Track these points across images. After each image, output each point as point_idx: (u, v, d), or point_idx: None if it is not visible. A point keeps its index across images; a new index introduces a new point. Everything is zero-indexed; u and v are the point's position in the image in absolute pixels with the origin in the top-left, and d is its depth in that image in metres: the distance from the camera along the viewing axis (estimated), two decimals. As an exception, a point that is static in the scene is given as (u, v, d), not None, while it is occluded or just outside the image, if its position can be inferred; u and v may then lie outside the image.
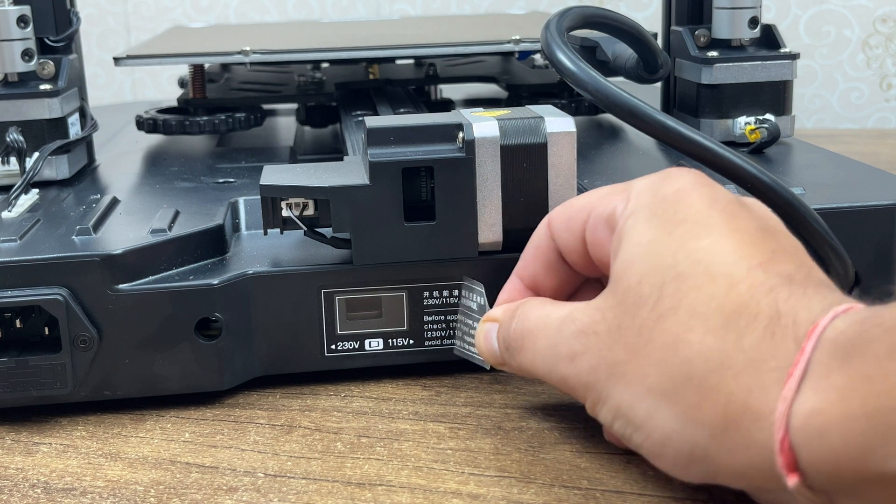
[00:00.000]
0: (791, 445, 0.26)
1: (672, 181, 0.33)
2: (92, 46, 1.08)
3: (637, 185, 0.34)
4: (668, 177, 0.33)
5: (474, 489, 0.34)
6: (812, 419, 0.26)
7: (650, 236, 0.31)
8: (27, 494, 0.35)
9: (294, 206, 0.41)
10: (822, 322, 0.27)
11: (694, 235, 0.31)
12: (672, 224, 0.31)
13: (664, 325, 0.30)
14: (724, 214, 0.31)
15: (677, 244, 0.31)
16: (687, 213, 0.31)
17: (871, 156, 0.78)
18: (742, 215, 0.32)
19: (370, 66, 0.71)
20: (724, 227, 0.31)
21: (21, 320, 0.39)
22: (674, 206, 0.32)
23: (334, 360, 0.42)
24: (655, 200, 0.32)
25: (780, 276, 0.29)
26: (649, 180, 0.34)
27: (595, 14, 0.49)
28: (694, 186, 0.33)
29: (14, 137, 0.49)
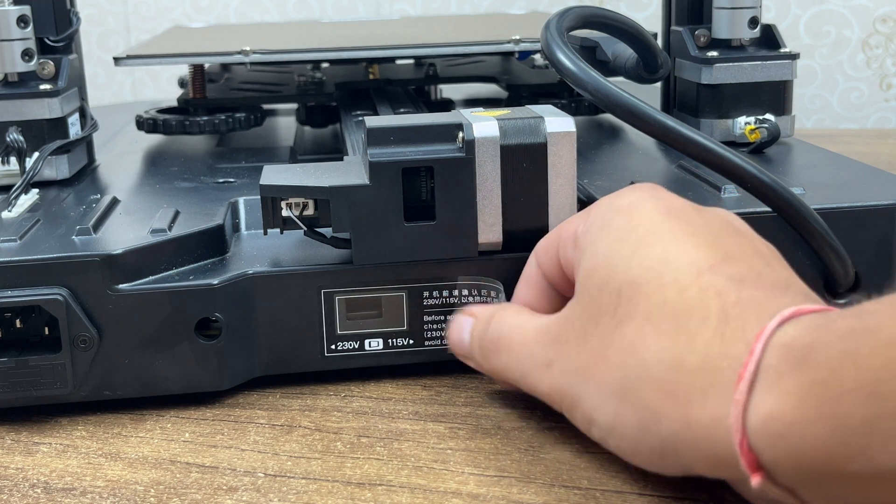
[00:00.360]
0: (751, 447, 0.27)
1: (627, 194, 0.35)
2: (92, 46, 1.08)
3: (597, 203, 0.36)
4: (623, 191, 0.35)
5: (474, 489, 0.34)
6: (770, 423, 0.26)
7: (605, 246, 0.33)
8: (27, 494, 0.35)
9: (294, 205, 0.41)
10: (770, 325, 0.28)
11: (646, 243, 0.32)
12: (625, 232, 0.33)
13: (623, 330, 0.31)
14: (676, 222, 0.33)
15: (630, 252, 0.32)
16: (639, 222, 0.33)
17: (871, 156, 0.78)
18: (696, 221, 0.33)
19: (370, 66, 0.71)
20: (676, 233, 0.32)
21: (21, 320, 0.39)
22: (627, 217, 0.34)
23: (334, 360, 0.42)
24: (610, 213, 0.34)
25: (729, 279, 0.30)
26: (608, 197, 0.36)
27: (595, 14, 0.49)
28: (648, 198, 0.34)
29: (14, 137, 0.49)
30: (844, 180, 0.46)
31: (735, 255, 0.32)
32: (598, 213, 0.35)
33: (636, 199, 0.34)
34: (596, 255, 0.33)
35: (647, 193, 0.35)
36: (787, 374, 0.26)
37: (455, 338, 0.39)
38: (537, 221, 0.41)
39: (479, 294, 0.41)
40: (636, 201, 0.34)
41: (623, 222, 0.33)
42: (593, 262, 0.33)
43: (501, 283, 0.40)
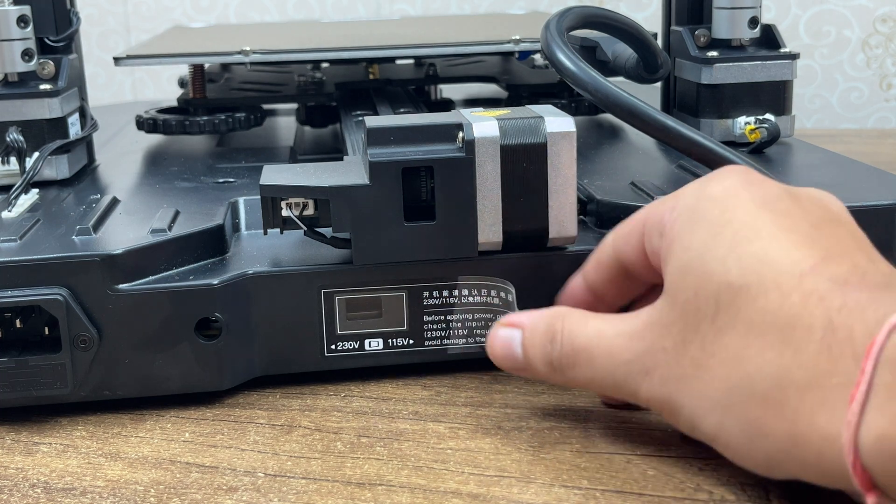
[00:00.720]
0: (864, 467, 0.26)
1: (718, 181, 0.33)
2: (92, 46, 1.08)
3: (686, 188, 0.34)
4: (714, 177, 0.33)
5: (474, 489, 0.34)
6: (883, 443, 0.26)
7: (698, 241, 0.31)
8: (27, 494, 0.35)
9: (294, 205, 0.41)
10: (879, 339, 0.26)
11: (743, 239, 0.30)
12: (718, 226, 0.31)
13: (724, 339, 0.30)
14: (773, 214, 0.31)
15: (727, 250, 0.30)
16: (733, 214, 0.31)
17: (871, 156, 0.78)
18: (793, 212, 0.31)
19: (370, 66, 0.71)
20: (772, 227, 0.31)
21: (21, 320, 0.39)
22: (720, 207, 0.32)
23: (334, 360, 0.42)
24: (701, 202, 0.32)
25: (832, 282, 0.29)
26: (697, 182, 0.33)
27: (595, 14, 0.49)
28: (742, 185, 0.32)
29: (14, 137, 0.49)
30: (844, 180, 0.46)
31: (836, 252, 0.30)
32: (688, 200, 0.33)
33: (730, 186, 0.32)
34: (688, 251, 0.31)
35: (740, 179, 0.32)
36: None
37: (502, 353, 0.37)
38: (537, 221, 0.41)
39: (481, 294, 0.41)
40: (730, 189, 0.32)
41: (716, 214, 0.31)
42: (685, 260, 0.31)
43: (511, 284, 0.40)
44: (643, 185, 0.46)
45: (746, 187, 0.32)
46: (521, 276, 0.41)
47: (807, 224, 0.31)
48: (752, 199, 0.32)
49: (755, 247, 0.30)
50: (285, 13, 1.08)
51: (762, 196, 0.32)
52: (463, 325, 0.41)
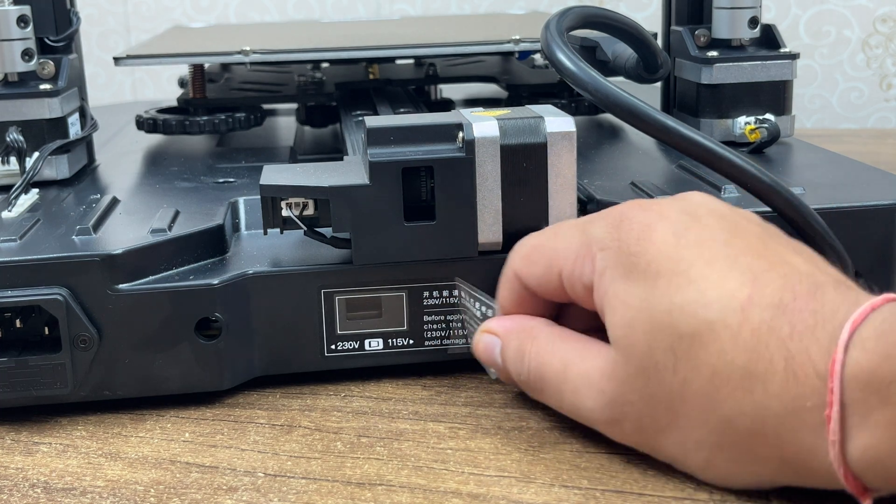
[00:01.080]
0: (855, 475, 0.28)
1: (629, 226, 0.33)
2: (92, 46, 1.08)
3: (596, 236, 0.34)
4: (623, 221, 0.33)
5: (474, 489, 0.34)
6: (868, 453, 0.27)
7: (636, 296, 0.32)
8: (27, 494, 0.35)
9: (294, 205, 0.41)
10: (839, 357, 0.28)
11: (676, 287, 0.31)
12: (650, 278, 0.32)
13: (692, 387, 0.31)
14: (693, 250, 0.32)
15: (666, 300, 0.31)
16: (659, 262, 0.32)
17: (871, 156, 0.78)
18: (704, 238, 0.32)
19: (370, 66, 0.71)
20: (697, 264, 0.31)
21: (21, 320, 0.39)
22: (643, 258, 0.32)
23: (334, 360, 0.42)
24: (622, 256, 0.33)
25: (772, 308, 0.30)
26: (606, 230, 0.34)
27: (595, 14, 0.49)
28: (653, 227, 0.33)
29: (14, 137, 0.49)
30: (844, 180, 0.46)
31: (759, 269, 0.31)
32: (608, 257, 0.33)
33: (641, 232, 0.33)
34: (630, 307, 0.32)
35: (649, 219, 0.33)
36: (876, 406, 0.27)
37: (487, 359, 0.39)
38: (537, 221, 0.41)
39: (471, 301, 0.41)
40: (643, 236, 0.33)
41: (641, 264, 0.32)
42: (630, 316, 0.32)
43: (498, 305, 0.39)
44: (643, 186, 0.46)
45: (657, 228, 0.33)
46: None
47: (721, 245, 0.32)
48: (667, 241, 0.32)
49: (691, 292, 0.31)
50: (285, 13, 1.08)
51: (675, 233, 0.32)
52: (463, 325, 0.41)
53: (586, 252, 0.34)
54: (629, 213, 0.34)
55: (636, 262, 0.32)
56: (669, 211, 0.33)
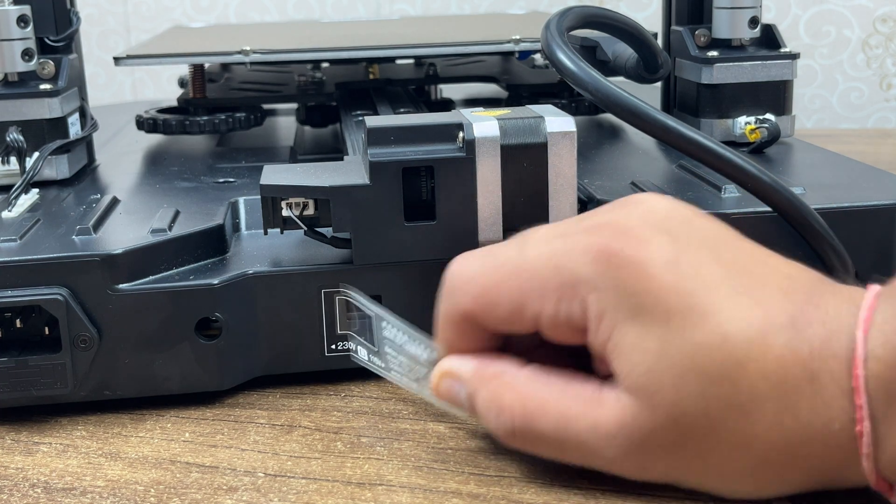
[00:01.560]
0: (884, 478, 0.29)
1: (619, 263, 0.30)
2: (92, 46, 1.08)
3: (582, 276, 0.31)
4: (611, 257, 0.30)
5: (474, 489, 0.34)
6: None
7: (652, 340, 0.30)
8: (27, 494, 0.35)
9: (294, 205, 0.41)
10: (860, 373, 0.28)
11: (692, 325, 0.29)
12: (662, 318, 0.30)
13: (725, 426, 0.30)
14: (692, 279, 0.30)
15: (686, 342, 0.29)
16: (666, 299, 0.30)
17: (871, 156, 0.78)
18: (702, 264, 0.30)
19: (370, 66, 0.71)
20: (703, 295, 0.30)
21: (21, 320, 0.39)
22: (648, 298, 0.30)
23: (334, 360, 0.42)
24: (623, 298, 0.30)
25: (786, 329, 0.29)
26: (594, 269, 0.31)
27: (595, 14, 0.49)
28: (644, 261, 0.30)
29: (14, 137, 0.49)
30: (845, 180, 0.46)
31: (761, 287, 0.30)
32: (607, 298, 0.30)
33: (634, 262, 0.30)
34: (648, 352, 0.30)
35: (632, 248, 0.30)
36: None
37: (452, 403, 0.35)
38: (537, 221, 0.40)
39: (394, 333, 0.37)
40: (638, 267, 0.30)
41: (649, 303, 0.30)
42: (649, 362, 0.30)
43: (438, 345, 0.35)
44: (643, 185, 0.46)
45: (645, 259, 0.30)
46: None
47: (713, 264, 0.30)
48: (664, 273, 0.30)
49: (709, 329, 0.29)
50: (285, 13, 1.08)
51: (664, 261, 0.30)
52: (381, 357, 0.38)
53: (571, 293, 0.31)
54: (612, 246, 0.31)
55: (642, 303, 0.30)
56: (644, 232, 0.31)
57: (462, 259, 0.34)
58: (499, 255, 0.33)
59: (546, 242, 0.32)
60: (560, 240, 0.32)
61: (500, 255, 0.33)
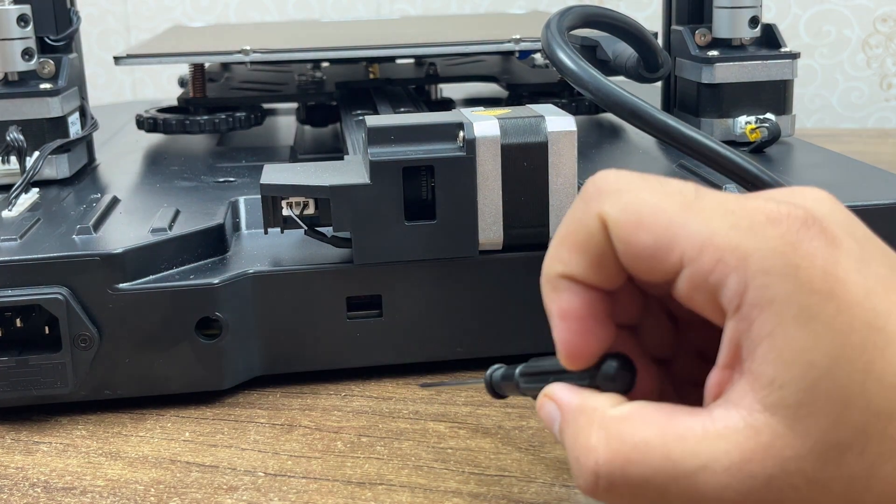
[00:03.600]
0: None
1: (810, 252, 0.25)
2: (92, 46, 1.08)
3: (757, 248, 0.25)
4: (800, 242, 0.25)
5: (475, 488, 0.34)
6: None
7: (822, 354, 0.25)
8: (27, 493, 0.35)
9: (294, 205, 0.41)
10: None
11: (873, 350, 0.24)
12: (840, 332, 0.25)
13: (882, 471, 0.25)
14: (882, 295, 0.25)
15: (861, 367, 0.24)
16: (851, 311, 0.25)
17: (872, 155, 0.78)
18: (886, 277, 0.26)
19: (370, 66, 0.70)
20: (890, 316, 0.25)
21: (21, 319, 0.39)
22: (832, 304, 0.25)
23: (335, 360, 0.42)
24: (802, 294, 0.25)
25: None
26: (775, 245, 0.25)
27: (595, 13, 0.49)
28: (838, 260, 0.25)
29: (14, 136, 0.49)
30: (845, 180, 0.46)
31: None
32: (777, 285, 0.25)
33: (826, 256, 0.25)
34: (812, 366, 0.25)
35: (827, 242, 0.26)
36: None
37: (550, 429, 0.30)
38: (538, 221, 0.41)
39: None
40: (829, 263, 0.25)
41: (830, 310, 0.25)
42: (812, 378, 0.25)
43: None
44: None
45: (839, 258, 0.25)
46: (521, 275, 0.41)
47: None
48: (856, 283, 0.25)
49: (891, 359, 0.24)
50: (285, 13, 1.08)
51: (856, 268, 0.25)
52: None
53: (735, 260, 0.25)
54: (803, 232, 0.26)
55: (822, 308, 0.25)
56: (835, 229, 0.26)
57: (618, 170, 0.28)
58: (666, 181, 0.27)
59: (725, 196, 0.27)
60: (743, 200, 0.26)
61: (668, 182, 0.27)
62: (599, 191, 0.27)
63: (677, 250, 0.26)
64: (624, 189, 0.27)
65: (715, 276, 0.26)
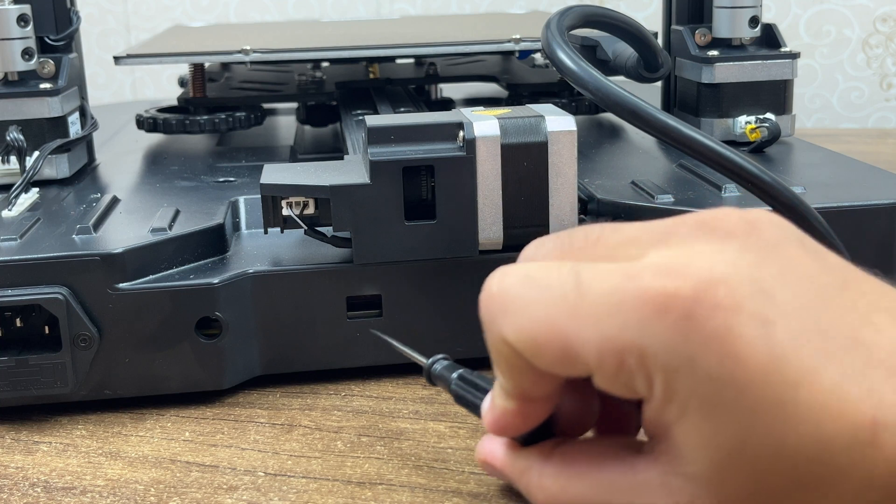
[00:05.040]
0: None
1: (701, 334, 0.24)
2: (92, 46, 1.08)
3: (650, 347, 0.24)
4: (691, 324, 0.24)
5: (475, 488, 0.34)
6: None
7: (728, 437, 0.24)
8: (27, 493, 0.35)
9: (294, 204, 0.41)
10: None
11: (783, 421, 0.24)
12: (747, 412, 0.24)
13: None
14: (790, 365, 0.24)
15: (773, 441, 0.24)
16: (752, 390, 0.24)
17: (872, 155, 0.78)
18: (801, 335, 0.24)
19: (370, 66, 0.71)
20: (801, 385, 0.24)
21: (21, 319, 0.39)
22: (733, 387, 0.24)
23: (335, 359, 0.42)
24: (700, 384, 0.24)
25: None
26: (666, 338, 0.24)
27: (596, 13, 0.49)
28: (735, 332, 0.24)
29: (14, 136, 0.49)
30: (845, 180, 0.46)
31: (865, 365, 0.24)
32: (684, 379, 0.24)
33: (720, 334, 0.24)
34: (720, 449, 0.24)
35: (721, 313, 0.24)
36: None
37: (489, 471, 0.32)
38: (538, 221, 0.41)
39: None
40: (724, 342, 0.24)
41: (732, 393, 0.24)
42: (721, 459, 0.24)
43: None
44: (644, 185, 0.46)
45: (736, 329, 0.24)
46: (521, 275, 0.41)
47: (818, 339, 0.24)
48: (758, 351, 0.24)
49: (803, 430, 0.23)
50: (285, 12, 1.08)
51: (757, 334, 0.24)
52: None
53: (635, 360, 0.25)
54: (694, 311, 0.24)
55: (722, 396, 0.24)
56: (734, 291, 0.24)
57: (503, 276, 0.28)
58: (550, 282, 0.26)
59: (610, 278, 0.25)
60: (628, 281, 0.25)
61: (552, 285, 0.26)
62: (493, 315, 0.27)
63: (580, 361, 0.26)
64: (511, 309, 0.27)
65: (622, 377, 0.25)
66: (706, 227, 0.26)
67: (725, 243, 0.26)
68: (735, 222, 0.26)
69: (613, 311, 0.25)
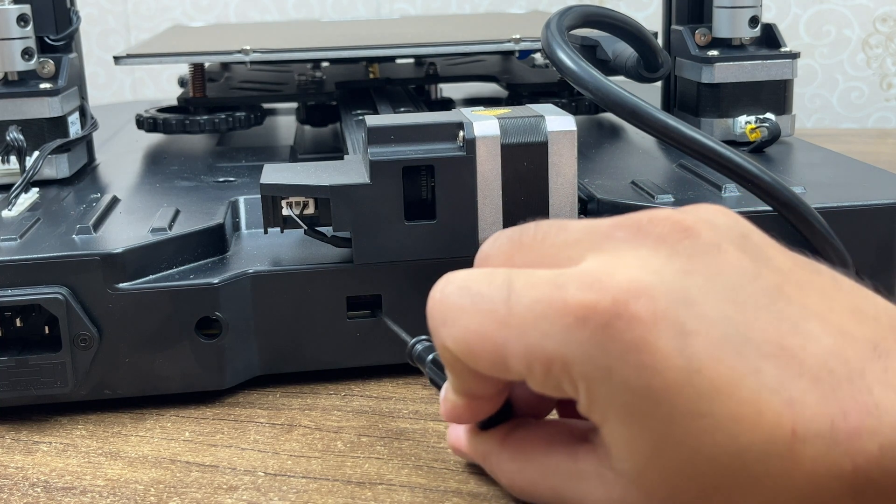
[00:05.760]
0: None
1: (617, 344, 0.24)
2: (92, 45, 1.08)
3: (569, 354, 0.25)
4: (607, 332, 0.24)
5: (475, 488, 0.34)
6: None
7: (647, 445, 0.25)
8: (27, 493, 0.35)
9: (294, 204, 0.41)
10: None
11: (699, 429, 0.24)
12: (663, 421, 0.24)
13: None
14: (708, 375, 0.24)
15: (688, 448, 0.24)
16: (669, 400, 0.24)
17: (872, 155, 0.78)
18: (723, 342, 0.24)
19: (370, 66, 0.70)
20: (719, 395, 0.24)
21: (21, 319, 0.39)
22: (650, 398, 0.24)
23: (335, 359, 0.42)
24: (617, 394, 0.25)
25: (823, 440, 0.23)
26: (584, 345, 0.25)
27: (595, 13, 0.49)
28: (649, 341, 0.24)
29: (14, 136, 0.49)
30: (845, 179, 0.46)
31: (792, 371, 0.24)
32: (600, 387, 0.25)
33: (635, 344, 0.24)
34: (639, 455, 0.26)
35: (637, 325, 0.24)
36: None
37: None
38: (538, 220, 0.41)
39: None
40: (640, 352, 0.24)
41: (648, 404, 0.24)
42: (641, 465, 0.26)
43: None
44: (644, 185, 0.46)
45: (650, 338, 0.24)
46: (521, 275, 0.41)
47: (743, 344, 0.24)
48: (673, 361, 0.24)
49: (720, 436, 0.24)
50: (285, 12, 1.08)
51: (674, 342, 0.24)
52: None
53: (559, 369, 0.26)
54: (613, 324, 0.24)
55: (638, 406, 0.25)
56: (653, 303, 0.25)
57: (446, 284, 0.29)
58: (484, 291, 0.27)
59: (539, 287, 0.26)
60: (554, 291, 0.26)
61: (485, 294, 0.27)
62: (435, 323, 0.29)
63: (512, 369, 0.27)
64: (449, 318, 0.28)
65: (551, 382, 0.26)
66: (641, 232, 0.27)
67: (656, 250, 0.26)
68: (669, 227, 0.26)
69: (539, 321, 0.26)
